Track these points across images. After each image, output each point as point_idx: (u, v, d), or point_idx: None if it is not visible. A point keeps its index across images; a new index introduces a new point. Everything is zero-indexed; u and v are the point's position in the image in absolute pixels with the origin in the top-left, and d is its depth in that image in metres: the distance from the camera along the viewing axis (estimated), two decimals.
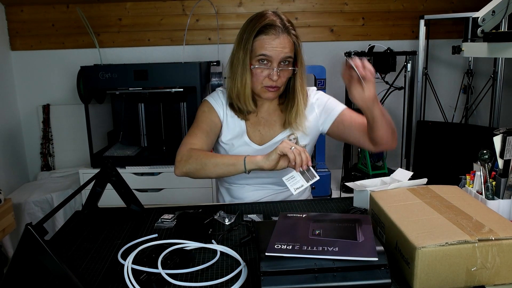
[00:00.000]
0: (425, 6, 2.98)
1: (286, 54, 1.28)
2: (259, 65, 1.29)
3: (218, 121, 1.41)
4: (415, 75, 2.80)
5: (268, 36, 1.27)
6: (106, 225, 1.19)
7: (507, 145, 1.07)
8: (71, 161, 2.98)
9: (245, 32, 1.30)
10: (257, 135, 1.42)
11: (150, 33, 2.97)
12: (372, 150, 1.42)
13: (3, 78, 2.86)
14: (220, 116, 1.41)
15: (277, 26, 1.27)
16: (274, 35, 1.26)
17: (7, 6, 2.89)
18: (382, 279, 0.79)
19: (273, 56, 1.27)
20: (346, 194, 2.58)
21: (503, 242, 0.80)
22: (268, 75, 1.29)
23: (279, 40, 1.26)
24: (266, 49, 1.27)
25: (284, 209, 1.29)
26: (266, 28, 1.27)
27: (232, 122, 1.41)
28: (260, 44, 1.27)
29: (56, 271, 0.78)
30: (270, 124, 1.43)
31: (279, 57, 1.27)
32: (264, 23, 1.27)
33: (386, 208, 0.97)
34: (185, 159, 1.28)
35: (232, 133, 1.41)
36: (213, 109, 1.41)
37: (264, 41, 1.27)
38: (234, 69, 1.33)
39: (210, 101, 1.42)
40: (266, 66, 1.29)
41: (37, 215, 2.52)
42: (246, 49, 1.29)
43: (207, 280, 0.88)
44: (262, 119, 1.43)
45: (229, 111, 1.41)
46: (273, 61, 1.28)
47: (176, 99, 2.63)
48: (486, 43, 1.21)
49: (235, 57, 1.33)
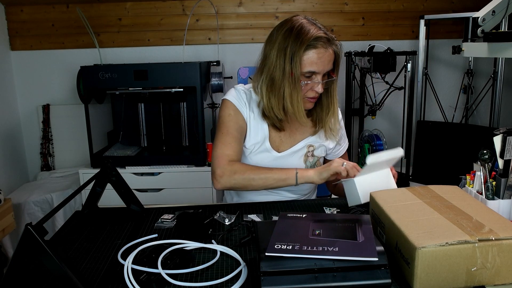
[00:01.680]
0: (425, 6, 2.98)
1: (330, 67, 1.28)
2: (307, 80, 1.26)
3: (244, 124, 1.36)
4: (415, 75, 2.80)
5: (318, 50, 1.23)
6: (106, 225, 1.19)
7: (507, 145, 1.07)
8: (71, 161, 2.98)
9: (288, 45, 1.23)
10: (277, 140, 1.40)
11: (150, 33, 2.97)
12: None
13: (3, 78, 2.86)
14: (246, 119, 1.36)
15: (324, 39, 1.23)
16: (324, 48, 1.23)
17: (7, 6, 2.89)
18: (382, 279, 0.79)
19: (320, 72, 1.25)
20: None
21: (503, 242, 0.80)
22: (311, 87, 1.28)
23: (328, 53, 1.24)
24: (316, 65, 1.24)
25: (284, 209, 1.29)
26: (315, 41, 1.22)
27: (255, 125, 1.37)
28: (310, 59, 1.23)
29: (56, 271, 0.78)
30: (291, 131, 1.41)
31: (325, 71, 1.27)
32: (313, 37, 1.22)
33: (386, 208, 0.97)
34: (228, 174, 1.27)
35: (255, 138, 1.37)
36: (238, 111, 1.35)
37: (314, 56, 1.23)
38: (278, 84, 1.26)
39: (234, 101, 1.36)
40: (310, 81, 1.27)
41: (37, 215, 2.52)
42: (295, 64, 1.22)
43: (207, 280, 0.88)
44: (285, 125, 1.40)
45: (252, 114, 1.37)
46: (319, 75, 1.26)
47: (176, 99, 2.63)
48: (486, 43, 1.21)
49: (277, 71, 1.25)
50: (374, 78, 2.74)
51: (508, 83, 2.92)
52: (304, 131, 1.41)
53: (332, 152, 1.47)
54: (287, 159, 1.38)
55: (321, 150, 1.43)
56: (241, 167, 1.28)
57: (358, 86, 2.88)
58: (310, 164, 1.41)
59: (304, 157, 1.40)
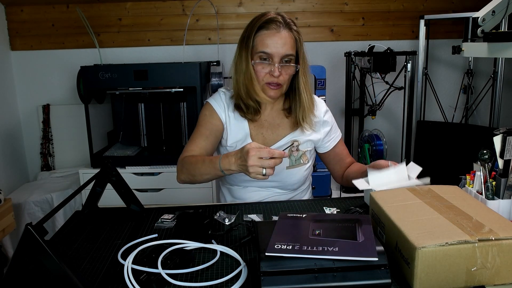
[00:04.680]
0: (425, 6, 2.98)
1: (287, 51, 1.28)
2: (260, 61, 1.29)
3: (219, 123, 1.40)
4: (415, 75, 2.80)
5: (269, 31, 1.27)
6: (106, 225, 1.19)
7: (507, 145, 1.07)
8: (71, 161, 2.98)
9: (246, 30, 1.31)
10: (260, 138, 1.42)
11: (150, 33, 2.97)
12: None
13: (3, 78, 2.86)
14: (222, 119, 1.40)
15: (278, 21, 1.27)
16: (275, 29, 1.27)
17: (7, 6, 2.89)
18: (382, 279, 0.79)
19: (273, 53, 1.27)
20: (346, 194, 2.58)
21: (503, 242, 0.80)
22: (269, 71, 1.29)
23: (280, 35, 1.26)
24: (267, 46, 1.27)
25: (284, 209, 1.29)
26: (266, 23, 1.27)
27: (236, 125, 1.41)
28: (261, 40, 1.28)
29: (56, 271, 0.78)
30: (273, 127, 1.43)
31: (280, 54, 1.27)
32: (265, 19, 1.28)
33: (386, 208, 0.97)
34: (180, 169, 1.33)
35: (236, 137, 1.41)
36: (214, 112, 1.40)
37: (264, 36, 1.27)
38: (238, 67, 1.34)
39: (212, 103, 1.42)
40: (267, 62, 1.29)
41: (37, 215, 2.52)
42: (247, 45, 1.29)
43: (207, 280, 0.88)
44: (266, 122, 1.43)
45: (232, 114, 1.41)
46: (273, 57, 1.28)
47: (176, 99, 2.63)
48: (486, 43, 1.21)
49: (238, 56, 1.34)
50: (374, 78, 2.74)
51: (508, 83, 2.92)
52: (286, 127, 1.42)
53: (322, 145, 1.48)
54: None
55: (307, 144, 1.44)
56: (187, 161, 1.29)
57: (358, 86, 2.88)
58: (295, 158, 1.42)
59: (288, 151, 1.40)
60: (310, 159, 1.46)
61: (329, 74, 2.88)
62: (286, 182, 1.42)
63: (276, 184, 1.42)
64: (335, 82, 3.00)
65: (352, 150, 2.95)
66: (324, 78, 2.67)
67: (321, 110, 1.45)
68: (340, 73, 2.97)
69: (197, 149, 1.35)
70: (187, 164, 1.29)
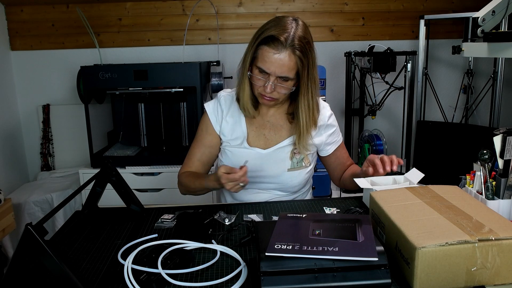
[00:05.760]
0: (425, 6, 2.98)
1: (282, 74, 1.23)
2: (256, 74, 1.27)
3: (214, 138, 1.44)
4: (415, 75, 2.80)
5: (270, 48, 1.22)
6: (106, 225, 1.19)
7: (507, 145, 1.07)
8: (71, 161, 2.98)
9: (255, 36, 1.26)
10: (262, 139, 1.41)
11: (150, 33, 2.97)
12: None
13: (3, 78, 2.86)
14: (216, 130, 1.42)
15: (281, 42, 1.20)
16: (276, 49, 1.21)
17: (7, 6, 2.89)
18: (382, 279, 0.79)
19: (269, 72, 1.24)
20: (346, 194, 2.58)
21: (503, 242, 0.80)
22: (263, 85, 1.27)
23: (279, 56, 1.21)
24: (264, 63, 1.23)
25: (284, 209, 1.29)
26: (271, 39, 1.21)
27: (233, 128, 1.41)
28: (261, 54, 1.24)
29: (56, 271, 0.78)
30: (276, 128, 1.42)
31: (276, 74, 1.24)
32: (269, 34, 1.21)
33: (386, 208, 0.97)
34: (179, 184, 1.47)
35: (235, 141, 1.41)
36: (210, 125, 1.43)
37: (265, 52, 1.23)
38: (239, 72, 1.33)
39: (209, 112, 1.43)
40: (262, 77, 1.26)
41: (37, 215, 2.52)
42: (250, 54, 1.27)
43: (207, 280, 0.88)
44: (268, 123, 1.42)
45: (230, 118, 1.41)
46: (269, 75, 1.25)
47: (176, 99, 2.63)
48: (486, 43, 1.21)
49: (243, 58, 1.31)
50: (374, 78, 2.74)
51: (508, 83, 2.92)
52: (290, 128, 1.42)
53: (323, 149, 1.48)
54: (272, 156, 1.40)
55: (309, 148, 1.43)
56: (183, 177, 1.44)
57: (358, 86, 2.88)
58: (296, 160, 1.41)
59: (290, 153, 1.40)
60: (311, 162, 1.46)
61: (329, 74, 2.89)
62: (287, 184, 1.41)
63: (277, 186, 1.42)
64: (335, 82, 3.01)
65: (352, 150, 2.96)
66: (324, 78, 2.67)
67: (326, 114, 1.43)
68: (340, 73, 2.97)
69: (194, 166, 1.46)
70: (183, 181, 1.43)
